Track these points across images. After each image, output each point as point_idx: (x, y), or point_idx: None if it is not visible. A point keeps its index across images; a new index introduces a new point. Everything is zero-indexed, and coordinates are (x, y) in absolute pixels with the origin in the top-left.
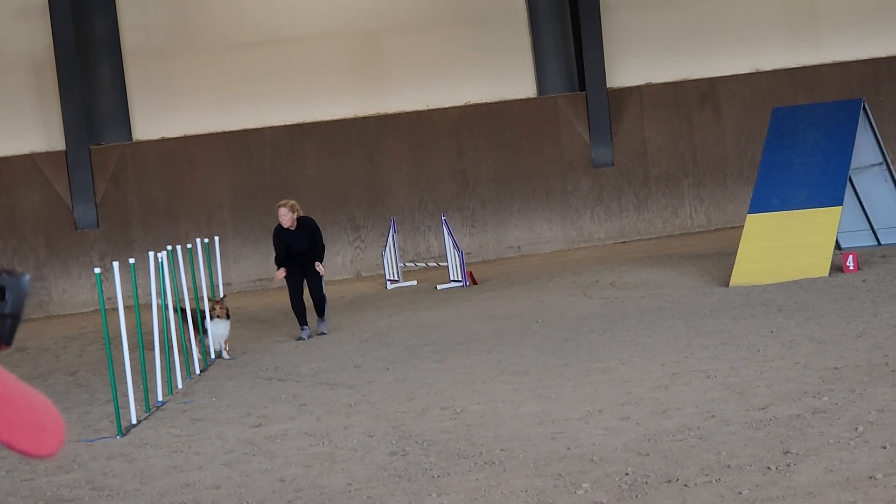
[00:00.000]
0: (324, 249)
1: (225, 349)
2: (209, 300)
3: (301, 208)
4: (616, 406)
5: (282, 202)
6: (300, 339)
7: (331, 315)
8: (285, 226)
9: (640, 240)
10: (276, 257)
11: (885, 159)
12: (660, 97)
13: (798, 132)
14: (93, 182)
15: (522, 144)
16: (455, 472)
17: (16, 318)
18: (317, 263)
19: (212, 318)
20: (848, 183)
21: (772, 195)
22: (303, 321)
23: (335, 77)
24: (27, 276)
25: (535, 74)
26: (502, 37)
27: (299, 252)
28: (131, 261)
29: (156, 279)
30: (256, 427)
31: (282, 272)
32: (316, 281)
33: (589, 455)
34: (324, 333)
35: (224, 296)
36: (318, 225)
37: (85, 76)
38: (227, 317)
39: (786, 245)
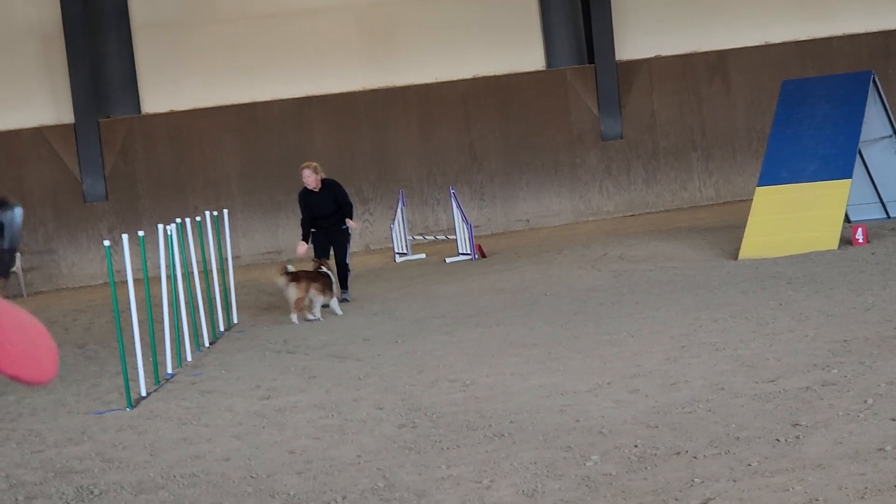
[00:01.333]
0: (352, 208)
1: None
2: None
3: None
4: (625, 378)
5: (305, 164)
6: (325, 305)
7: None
8: (310, 187)
9: (648, 213)
10: (302, 219)
11: (895, 132)
12: (669, 70)
13: (808, 105)
14: (101, 155)
15: (531, 117)
16: (464, 444)
17: (13, 252)
18: (348, 220)
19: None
20: (857, 156)
21: (781, 168)
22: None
23: (344, 49)
24: (20, 208)
25: (543, 47)
26: (511, 9)
27: (324, 215)
28: (140, 233)
29: (165, 252)
30: (266, 399)
31: (303, 247)
32: (341, 247)
33: (598, 427)
34: (346, 300)
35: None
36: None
37: (93, 48)
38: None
39: (795, 218)
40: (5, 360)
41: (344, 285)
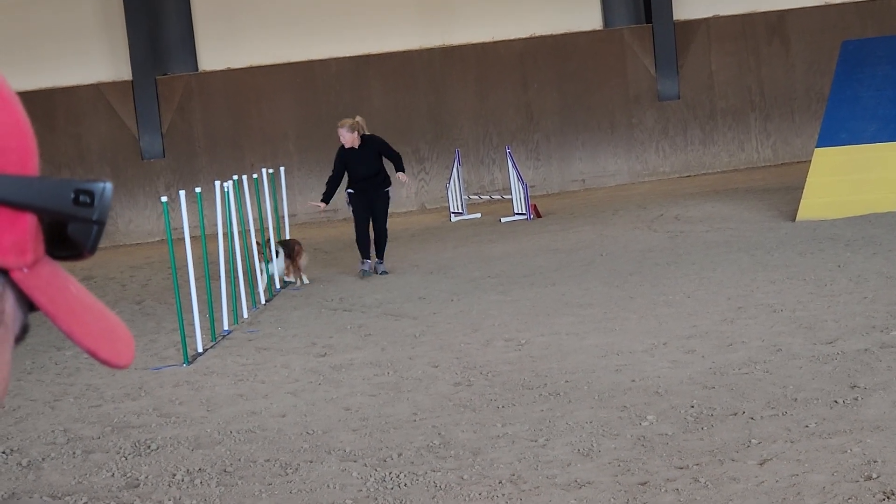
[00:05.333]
0: (400, 158)
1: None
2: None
3: (366, 126)
4: (681, 339)
5: (340, 122)
6: (363, 272)
7: (395, 247)
8: (347, 146)
9: (705, 174)
10: (330, 177)
11: None
12: (727, 30)
13: (868, 65)
14: (159, 112)
15: (588, 77)
16: (520, 403)
17: (101, 225)
18: (399, 174)
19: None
20: None
21: (840, 129)
22: (365, 254)
23: (401, 8)
24: (111, 185)
25: (601, 6)
26: None
27: (365, 175)
28: (198, 190)
29: (222, 209)
30: (322, 357)
31: (321, 205)
32: (382, 212)
33: (654, 387)
34: (385, 273)
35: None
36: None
37: (151, 5)
38: (276, 255)
39: (854, 179)
40: (81, 332)
41: (380, 254)
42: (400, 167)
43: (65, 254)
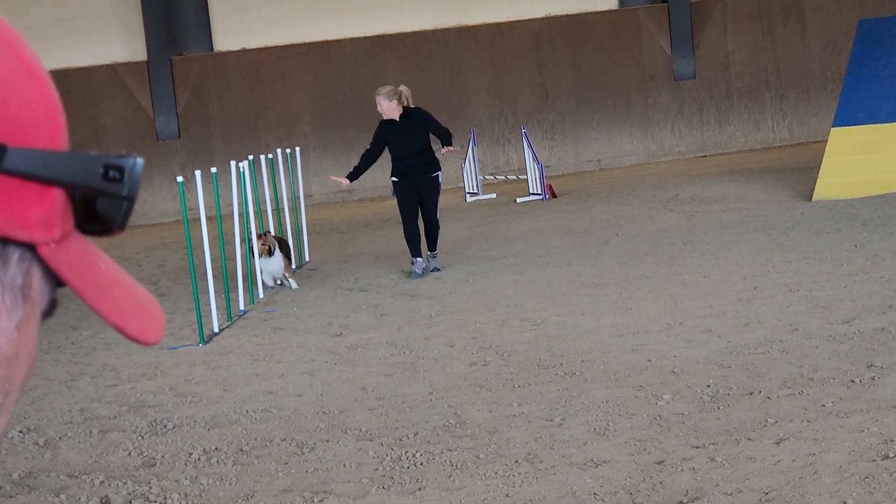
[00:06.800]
0: (450, 133)
1: (288, 277)
2: (257, 236)
3: (411, 98)
4: (697, 319)
5: (379, 88)
6: (413, 274)
7: None
8: (386, 117)
9: (721, 154)
10: (365, 151)
11: None
12: (743, 9)
13: (884, 44)
14: (174, 92)
15: (603, 57)
16: (536, 383)
17: (131, 201)
18: (445, 148)
19: (260, 255)
20: None
21: (857, 108)
22: (416, 252)
23: None
24: (142, 160)
25: None
26: None
27: (407, 153)
28: (213, 170)
29: (237, 189)
30: (338, 336)
31: (345, 181)
32: (432, 199)
33: (670, 367)
34: (437, 269)
35: (266, 231)
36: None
37: None
38: (270, 253)
39: (870, 159)
40: (109, 308)
41: (433, 246)
42: (448, 142)
43: (94, 229)
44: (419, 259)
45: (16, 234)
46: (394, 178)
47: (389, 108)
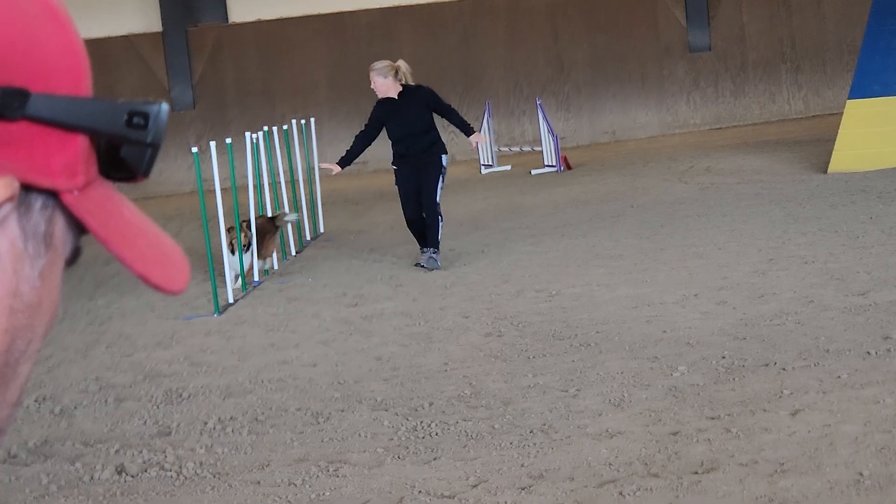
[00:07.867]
0: (458, 113)
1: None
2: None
3: (410, 75)
4: (712, 290)
5: (374, 63)
6: (418, 265)
7: None
8: (381, 95)
9: (736, 126)
10: (359, 133)
11: None
12: None
13: None
14: (189, 63)
15: (618, 28)
16: (551, 354)
17: (156, 148)
18: (472, 137)
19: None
20: None
21: (872, 81)
22: (422, 241)
23: None
24: (167, 105)
25: None
26: None
27: (408, 134)
28: (228, 141)
29: (252, 160)
30: (353, 307)
31: (336, 168)
32: (432, 185)
33: (685, 338)
34: (437, 267)
35: (246, 220)
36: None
37: None
38: (248, 248)
39: (886, 131)
40: (132, 256)
41: (434, 241)
42: (466, 127)
43: (119, 176)
44: (428, 248)
45: (38, 181)
46: (394, 166)
47: (385, 86)
